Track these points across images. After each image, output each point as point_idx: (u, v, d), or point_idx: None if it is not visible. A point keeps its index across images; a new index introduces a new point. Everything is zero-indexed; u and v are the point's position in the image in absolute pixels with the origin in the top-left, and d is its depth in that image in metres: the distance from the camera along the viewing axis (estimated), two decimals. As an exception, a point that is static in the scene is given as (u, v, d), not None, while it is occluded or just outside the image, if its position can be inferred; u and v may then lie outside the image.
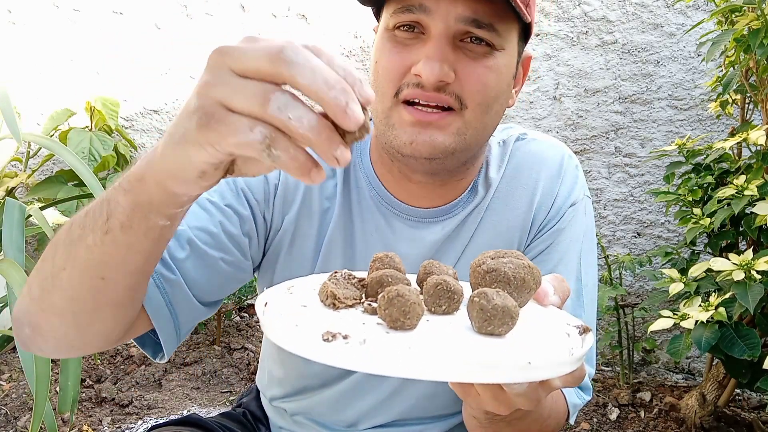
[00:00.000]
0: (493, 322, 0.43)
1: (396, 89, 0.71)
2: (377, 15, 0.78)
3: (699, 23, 1.86)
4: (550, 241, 0.84)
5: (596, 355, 2.31)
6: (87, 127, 2.56)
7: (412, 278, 0.57)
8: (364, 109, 0.41)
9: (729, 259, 1.40)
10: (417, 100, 0.70)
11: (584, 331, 0.48)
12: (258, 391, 1.06)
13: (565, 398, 0.79)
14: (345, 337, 0.40)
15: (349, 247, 0.83)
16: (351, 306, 0.49)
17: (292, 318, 0.44)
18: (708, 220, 1.63)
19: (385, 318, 0.43)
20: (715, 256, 1.52)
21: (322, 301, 0.50)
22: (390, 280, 0.50)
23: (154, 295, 0.69)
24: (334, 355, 0.39)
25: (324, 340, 0.39)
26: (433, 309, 0.48)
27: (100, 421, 1.97)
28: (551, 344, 0.44)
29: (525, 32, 0.76)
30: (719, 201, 1.59)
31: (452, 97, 0.70)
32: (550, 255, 0.83)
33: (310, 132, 0.39)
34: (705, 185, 1.75)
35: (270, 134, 0.39)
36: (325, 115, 0.40)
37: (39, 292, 0.58)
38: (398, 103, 0.72)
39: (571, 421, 0.82)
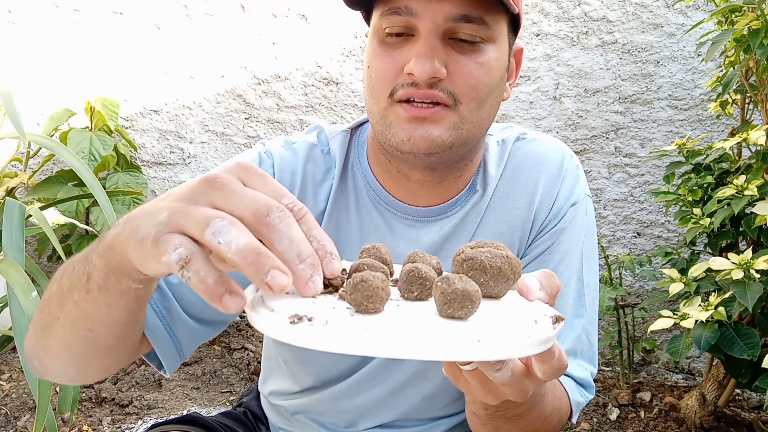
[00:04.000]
0: (452, 305, 0.44)
1: (390, 90, 0.72)
2: (367, 19, 0.79)
3: (699, 23, 1.86)
4: (551, 241, 0.84)
5: (597, 356, 2.32)
6: (87, 127, 2.56)
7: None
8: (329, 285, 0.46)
9: (729, 259, 1.40)
10: (412, 99, 0.71)
11: (557, 320, 0.48)
12: (258, 391, 1.06)
13: (569, 396, 0.79)
14: (310, 320, 0.42)
15: (343, 246, 0.83)
16: (331, 293, 0.51)
17: (271, 303, 0.46)
18: (708, 220, 1.63)
19: (351, 302, 0.45)
20: (715, 256, 1.52)
21: None
22: (365, 267, 0.50)
23: (152, 320, 0.71)
24: (297, 335, 0.41)
25: (291, 323, 0.42)
26: (406, 295, 0.49)
27: (100, 421, 1.97)
28: (510, 327, 0.45)
29: (514, 24, 0.77)
30: (719, 201, 1.59)
31: (445, 93, 0.71)
32: (552, 255, 0.83)
33: (236, 256, 0.40)
34: (705, 185, 1.75)
35: (186, 256, 0.41)
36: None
37: (40, 335, 0.63)
38: (393, 102, 0.72)
39: (573, 420, 0.82)
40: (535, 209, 0.84)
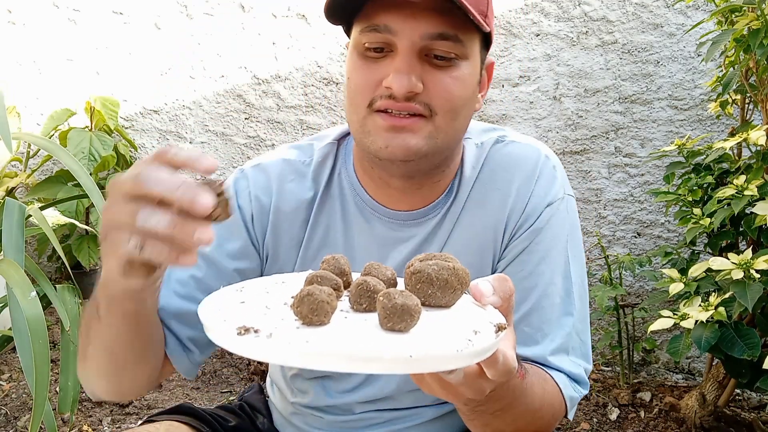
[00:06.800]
0: (392, 318, 0.47)
1: (369, 101, 0.76)
2: (347, 31, 0.83)
3: (699, 23, 1.86)
4: (528, 241, 0.84)
5: (597, 356, 2.31)
6: (87, 127, 2.56)
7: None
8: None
9: (729, 259, 1.40)
10: (390, 110, 0.75)
11: (500, 329, 0.51)
12: (260, 387, 1.08)
13: (562, 391, 0.79)
14: (256, 331, 0.45)
15: (330, 250, 0.87)
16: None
17: (224, 313, 0.49)
18: (708, 220, 1.63)
19: (298, 315, 0.48)
20: (715, 256, 1.52)
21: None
22: (318, 279, 0.53)
23: (171, 341, 0.83)
24: (243, 346, 0.44)
25: (237, 334, 0.45)
26: (355, 307, 0.52)
27: (100, 421, 1.97)
28: (445, 341, 0.47)
29: (486, 41, 0.81)
30: (719, 201, 1.59)
31: (422, 105, 0.75)
32: (530, 255, 0.84)
33: (167, 230, 0.48)
34: (705, 185, 1.75)
35: (139, 241, 0.49)
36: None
37: (81, 361, 0.77)
38: (372, 112, 0.76)
39: (570, 417, 0.82)
40: (508, 211, 0.85)
